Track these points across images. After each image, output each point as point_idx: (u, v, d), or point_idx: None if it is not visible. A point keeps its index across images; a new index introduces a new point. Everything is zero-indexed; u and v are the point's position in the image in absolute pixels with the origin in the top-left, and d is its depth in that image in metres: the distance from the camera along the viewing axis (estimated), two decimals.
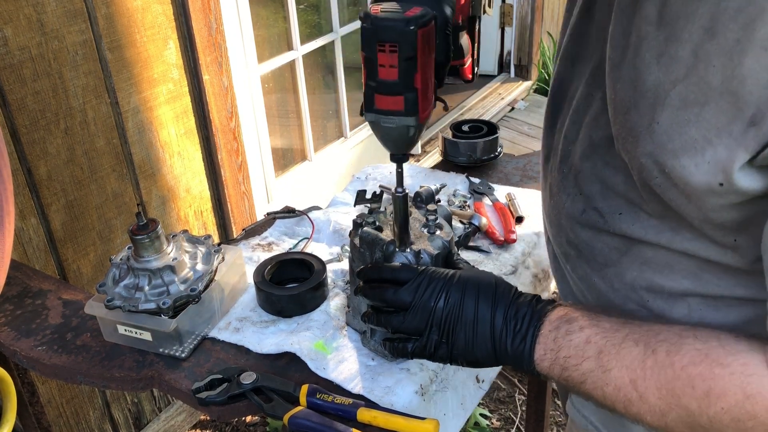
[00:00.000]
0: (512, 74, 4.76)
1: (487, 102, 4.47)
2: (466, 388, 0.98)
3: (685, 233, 0.69)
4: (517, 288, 0.78)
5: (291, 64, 2.83)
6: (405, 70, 0.73)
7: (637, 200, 0.71)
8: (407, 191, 0.91)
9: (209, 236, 1.06)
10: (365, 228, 0.97)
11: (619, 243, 0.76)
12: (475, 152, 1.48)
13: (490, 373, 1.04)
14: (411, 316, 0.76)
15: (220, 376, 0.91)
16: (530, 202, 1.32)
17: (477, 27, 0.88)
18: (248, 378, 0.90)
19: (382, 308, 0.80)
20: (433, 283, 0.77)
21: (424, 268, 0.79)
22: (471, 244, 1.19)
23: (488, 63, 4.74)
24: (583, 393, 0.71)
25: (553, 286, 1.22)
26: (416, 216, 1.03)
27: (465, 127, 1.54)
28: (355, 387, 0.90)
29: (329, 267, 1.11)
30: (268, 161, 2.69)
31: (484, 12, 0.87)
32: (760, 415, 0.60)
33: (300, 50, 2.82)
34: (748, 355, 0.61)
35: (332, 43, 3.05)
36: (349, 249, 1.05)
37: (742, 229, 0.64)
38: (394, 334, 0.79)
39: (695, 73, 0.58)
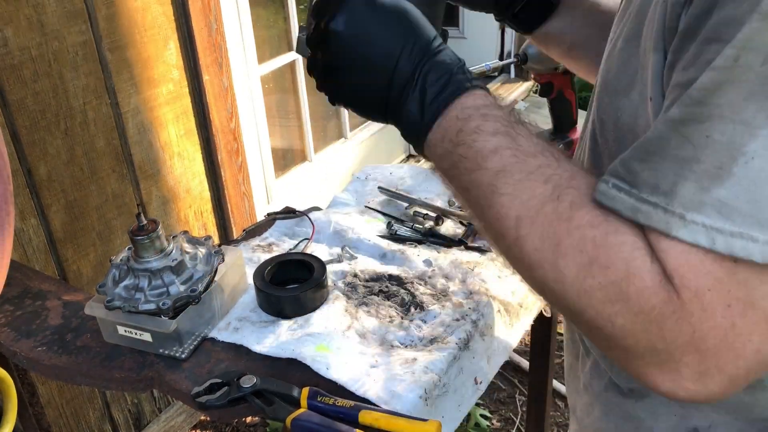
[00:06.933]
0: (512, 75, 4.75)
1: None
2: (464, 389, 0.98)
3: None
4: (444, 43, 0.64)
5: (291, 65, 2.83)
6: None
7: None
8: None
9: (209, 237, 1.06)
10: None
11: None
12: None
13: (488, 375, 1.04)
14: (312, 31, 0.68)
15: (220, 380, 0.91)
16: None
17: None
18: (248, 381, 0.90)
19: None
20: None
21: None
22: (471, 244, 1.19)
23: None
24: (459, 197, 0.63)
25: None
26: None
27: None
28: (357, 389, 0.89)
29: (329, 268, 1.11)
30: (268, 162, 2.69)
31: None
32: (630, 298, 0.52)
33: None
34: (637, 233, 0.54)
35: None
36: (349, 249, 1.05)
37: None
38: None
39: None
